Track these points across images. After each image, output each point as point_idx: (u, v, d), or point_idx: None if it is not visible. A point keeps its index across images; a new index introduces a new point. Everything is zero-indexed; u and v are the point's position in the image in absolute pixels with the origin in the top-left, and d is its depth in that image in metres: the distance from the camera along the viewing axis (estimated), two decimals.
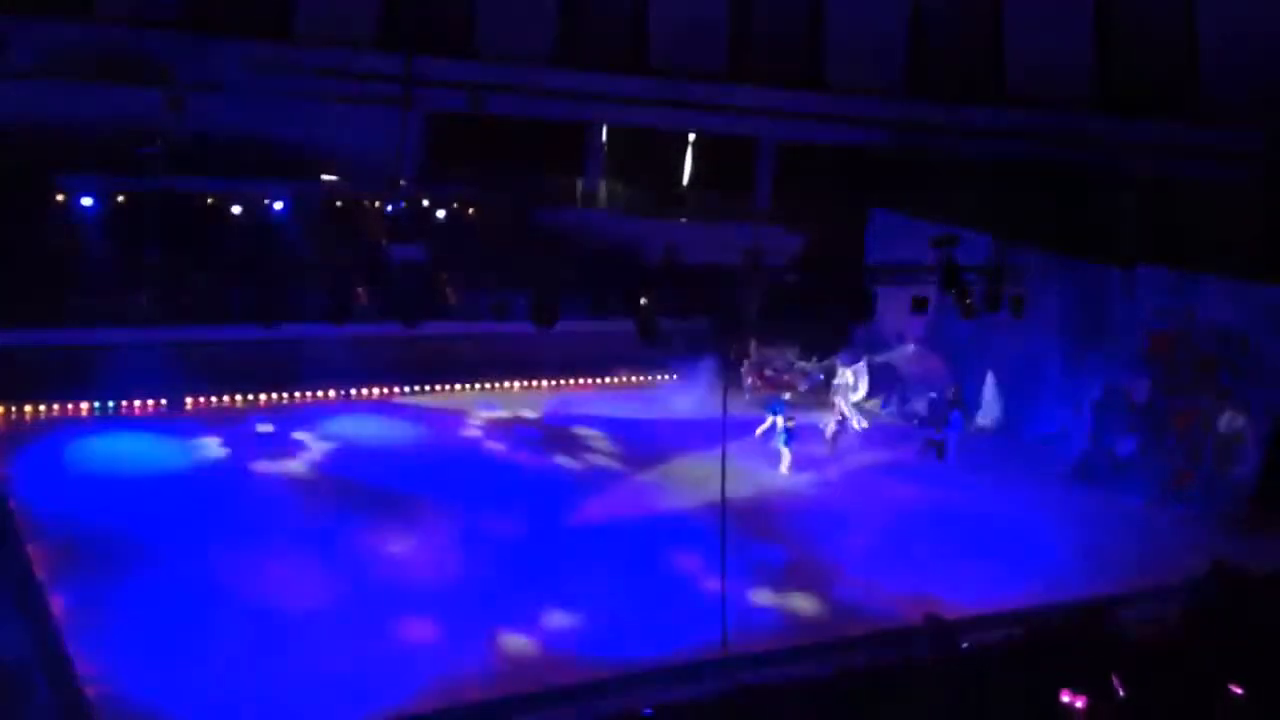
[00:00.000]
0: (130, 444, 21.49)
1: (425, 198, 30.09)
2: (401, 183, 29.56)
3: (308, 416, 23.69)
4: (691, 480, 21.21)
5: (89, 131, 27.95)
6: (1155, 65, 29.79)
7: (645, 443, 23.60)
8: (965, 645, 15.46)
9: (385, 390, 25.23)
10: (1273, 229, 26.23)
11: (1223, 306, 22.15)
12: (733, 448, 16.54)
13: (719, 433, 16.12)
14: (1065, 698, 12.02)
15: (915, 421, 25.27)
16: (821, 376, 24.47)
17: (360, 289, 24.94)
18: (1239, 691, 12.80)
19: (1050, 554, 19.52)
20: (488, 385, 26.48)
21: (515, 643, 15.61)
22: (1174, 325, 22.65)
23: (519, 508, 19.88)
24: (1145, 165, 29.16)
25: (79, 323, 23.77)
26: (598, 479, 21.65)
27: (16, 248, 23.85)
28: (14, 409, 22.39)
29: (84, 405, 22.66)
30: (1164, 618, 16.21)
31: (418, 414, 24.53)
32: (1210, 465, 21.96)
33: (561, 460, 22.45)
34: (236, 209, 26.75)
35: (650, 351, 23.93)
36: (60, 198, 25.74)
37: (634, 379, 27.79)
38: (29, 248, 24.96)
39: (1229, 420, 21.81)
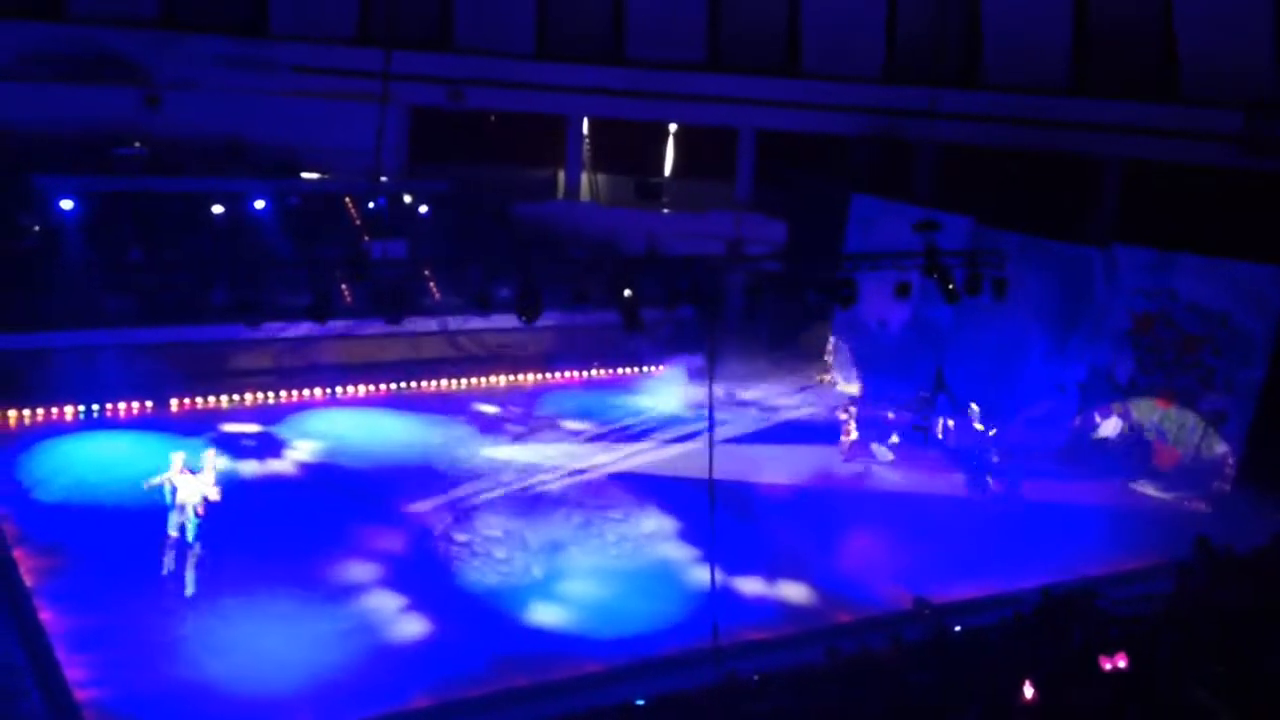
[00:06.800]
0: (115, 446, 21.35)
1: (406, 193, 30.02)
2: (382, 179, 29.49)
3: (293, 415, 23.61)
4: (678, 470, 21.23)
5: (66, 133, 27.81)
6: (1132, 48, 29.90)
7: (631, 435, 23.61)
8: (956, 629, 15.53)
9: (370, 387, 25.15)
10: (1251, 208, 26.43)
11: (1203, 285, 22.24)
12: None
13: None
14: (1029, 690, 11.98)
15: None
16: None
17: (343, 286, 24.85)
18: (1220, 669, 12.89)
19: (1038, 536, 19.64)
20: (473, 380, 26.41)
21: (507, 636, 15.60)
22: (1155, 305, 22.77)
23: (508, 502, 19.88)
24: (1123, 147, 29.34)
25: (60, 326, 23.63)
26: (585, 472, 21.63)
27: None
28: None
29: (68, 409, 22.52)
30: (1150, 597, 16.31)
31: (403, 410, 24.47)
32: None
33: (549, 453, 22.43)
34: (217, 208, 26.62)
35: (635, 343, 23.96)
36: (38, 200, 25.58)
37: (618, 371, 27.78)
38: (7, 251, 24.84)
39: (1212, 399, 21.96)
